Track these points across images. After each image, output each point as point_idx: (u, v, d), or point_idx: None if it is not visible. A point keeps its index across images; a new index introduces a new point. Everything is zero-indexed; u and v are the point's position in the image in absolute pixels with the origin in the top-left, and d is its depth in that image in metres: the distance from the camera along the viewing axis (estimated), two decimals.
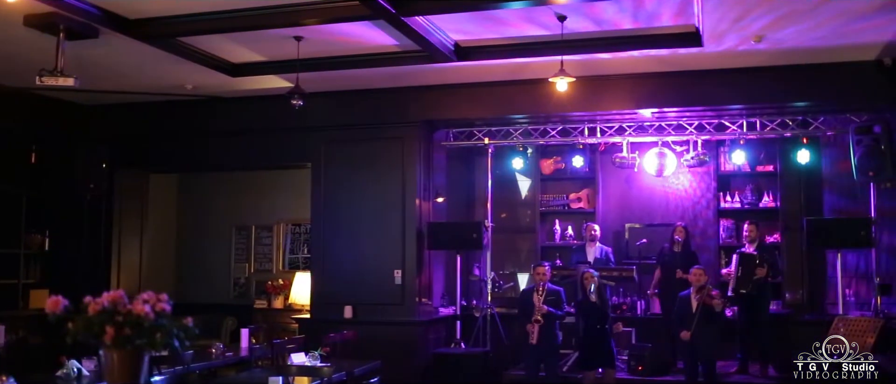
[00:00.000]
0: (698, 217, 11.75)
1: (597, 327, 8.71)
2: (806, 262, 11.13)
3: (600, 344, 8.75)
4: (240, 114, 11.11)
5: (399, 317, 10.34)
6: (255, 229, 13.38)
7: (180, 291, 13.26)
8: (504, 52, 8.91)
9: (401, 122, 10.56)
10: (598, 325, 8.70)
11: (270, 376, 6.33)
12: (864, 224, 9.59)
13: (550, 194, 12.50)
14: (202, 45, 8.93)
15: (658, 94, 9.88)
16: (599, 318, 8.71)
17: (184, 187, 13.77)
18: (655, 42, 8.54)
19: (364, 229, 10.63)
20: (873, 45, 8.56)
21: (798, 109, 9.96)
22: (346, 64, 9.35)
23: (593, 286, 8.73)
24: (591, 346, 8.77)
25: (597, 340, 8.73)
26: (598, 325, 8.70)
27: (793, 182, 11.32)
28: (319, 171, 10.92)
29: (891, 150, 9.09)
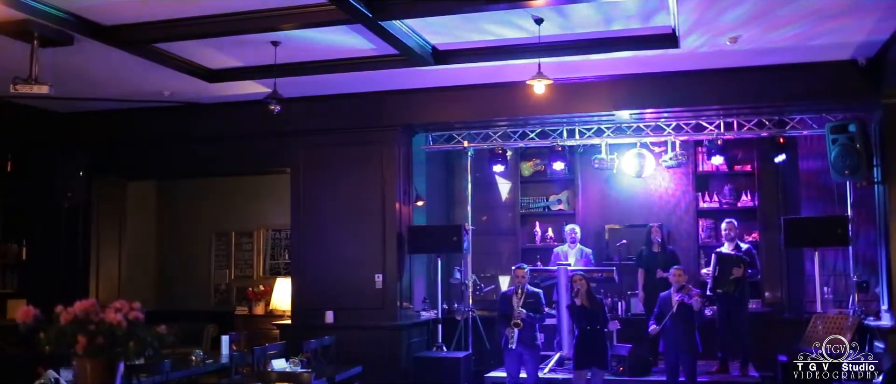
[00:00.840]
0: (677, 217, 11.83)
1: (588, 328, 8.69)
2: (784, 261, 11.21)
3: (591, 344, 8.71)
4: (218, 120, 11.05)
5: (380, 322, 10.32)
6: (236, 235, 13.33)
7: (161, 299, 13.21)
8: (482, 55, 8.91)
9: (380, 126, 10.55)
10: (589, 327, 8.68)
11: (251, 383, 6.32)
12: (840, 222, 9.67)
13: (530, 196, 12.54)
14: (178, 51, 8.88)
15: (635, 96, 9.92)
16: (591, 320, 8.68)
17: (163, 194, 13.69)
18: (632, 44, 8.57)
19: (344, 234, 10.60)
20: (847, 44, 8.62)
21: (774, 109, 10.02)
22: (323, 69, 9.32)
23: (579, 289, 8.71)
24: (584, 348, 8.75)
25: (591, 341, 8.71)
26: (589, 327, 8.68)
27: (770, 181, 11.41)
28: (298, 177, 10.89)
29: (866, 149, 9.16)
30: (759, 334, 10.28)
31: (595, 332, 8.64)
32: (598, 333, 8.65)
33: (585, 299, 8.67)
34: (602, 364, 8.74)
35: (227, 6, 7.55)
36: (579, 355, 8.75)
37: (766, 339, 10.38)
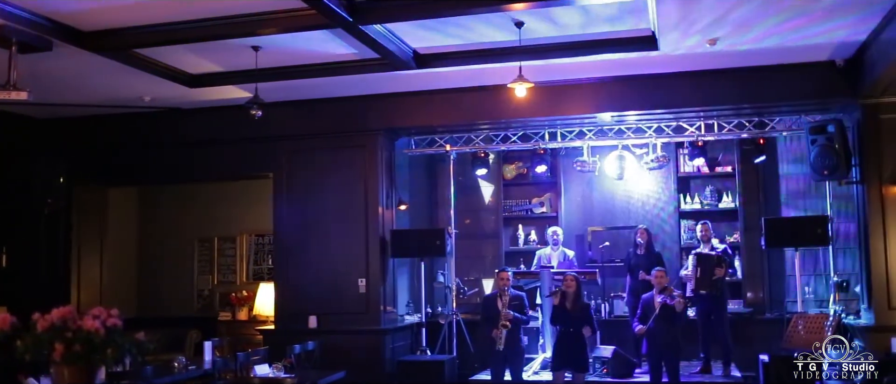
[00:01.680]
0: (659, 219, 11.87)
1: (570, 330, 8.67)
2: (766, 262, 11.28)
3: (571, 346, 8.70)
4: (199, 125, 11.02)
5: (364, 326, 10.31)
6: (218, 241, 13.27)
7: (143, 305, 13.13)
8: (463, 58, 8.93)
9: (362, 130, 10.55)
10: (572, 329, 8.66)
11: None
12: (820, 222, 9.74)
13: (513, 199, 12.56)
14: (159, 57, 8.85)
15: (617, 98, 9.97)
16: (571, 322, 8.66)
17: (144, 200, 13.62)
18: (612, 46, 8.61)
19: (327, 238, 10.59)
20: (825, 46, 8.70)
21: (754, 110, 10.09)
22: (305, 73, 9.32)
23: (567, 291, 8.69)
24: (563, 349, 8.73)
25: (570, 342, 8.69)
26: (572, 329, 8.66)
27: (751, 182, 11.48)
28: (281, 181, 10.87)
29: (845, 149, 9.24)
30: (740, 334, 10.34)
31: (575, 335, 8.62)
32: (578, 335, 8.62)
33: (572, 301, 8.64)
34: (582, 366, 8.72)
35: (207, 11, 7.53)
36: (558, 356, 8.73)
37: (748, 339, 10.44)
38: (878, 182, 9.09)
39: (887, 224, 9.02)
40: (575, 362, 8.63)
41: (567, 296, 8.65)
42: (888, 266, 8.99)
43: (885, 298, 8.97)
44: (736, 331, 10.19)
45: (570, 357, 8.64)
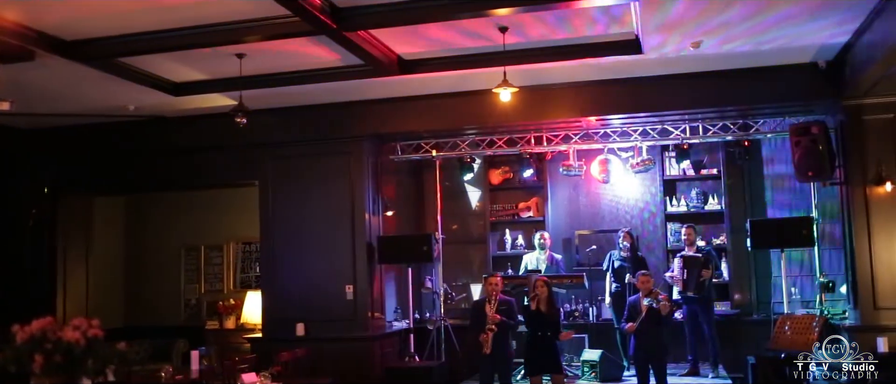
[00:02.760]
0: (646, 222, 11.89)
1: (539, 334, 8.65)
2: (752, 263, 11.32)
3: (544, 350, 8.68)
4: (184, 133, 10.99)
5: (351, 333, 10.29)
6: (205, 249, 13.23)
7: (130, 315, 13.09)
8: (448, 64, 8.95)
9: (347, 136, 10.54)
10: (539, 332, 8.64)
11: None
12: (805, 223, 9.78)
13: (500, 204, 12.55)
14: (142, 65, 8.84)
15: (601, 102, 9.99)
16: (543, 326, 8.64)
17: (130, 209, 13.57)
18: (596, 50, 8.64)
19: (314, 245, 10.57)
20: (808, 47, 8.75)
21: (738, 112, 10.13)
22: (289, 80, 9.32)
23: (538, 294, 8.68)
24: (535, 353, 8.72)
25: (540, 347, 8.68)
26: (539, 332, 8.64)
27: (736, 184, 11.51)
28: (267, 189, 10.85)
29: (828, 150, 9.29)
30: (728, 336, 10.37)
31: (545, 339, 8.59)
32: (549, 339, 8.60)
33: (544, 305, 8.62)
34: (557, 369, 8.71)
35: (191, 19, 7.52)
36: (530, 361, 8.70)
37: (736, 341, 10.48)
38: (862, 182, 9.14)
39: (872, 224, 9.07)
40: (549, 365, 8.62)
41: (540, 300, 8.63)
42: (873, 266, 9.04)
43: (870, 298, 9.01)
44: (723, 332, 10.22)
45: (544, 361, 8.63)
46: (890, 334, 8.17)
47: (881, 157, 9.08)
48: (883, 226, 9.04)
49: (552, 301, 8.75)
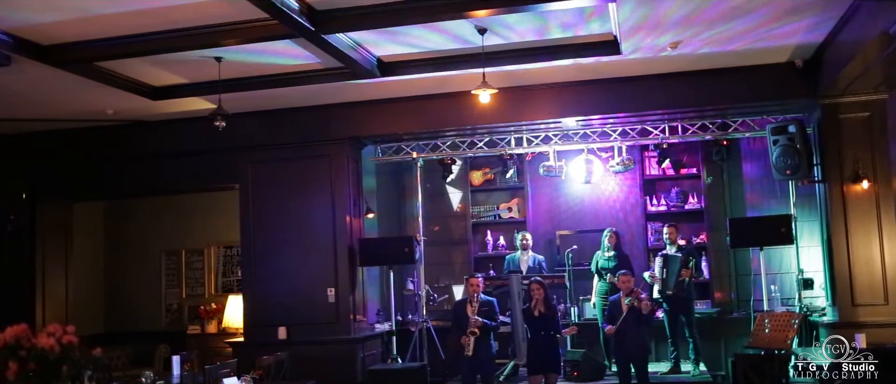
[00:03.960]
0: (626, 221, 11.95)
1: (541, 334, 8.74)
2: (732, 261, 11.40)
3: (545, 350, 8.76)
4: (163, 137, 10.94)
5: (334, 336, 10.27)
6: (186, 253, 13.17)
7: (111, 321, 13.03)
8: (427, 66, 8.95)
9: (328, 139, 10.52)
10: (542, 332, 8.73)
11: None
12: (784, 221, 9.85)
13: (481, 205, 12.58)
14: (121, 70, 8.78)
15: (581, 103, 10.02)
16: (544, 326, 8.72)
17: (110, 214, 13.49)
18: (575, 51, 8.66)
19: (295, 248, 10.54)
20: (785, 47, 8.82)
21: (717, 112, 10.19)
22: (268, 83, 9.29)
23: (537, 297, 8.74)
24: (538, 353, 8.79)
25: (543, 345, 8.76)
26: (542, 332, 8.73)
27: (716, 183, 11.59)
28: (247, 192, 10.81)
29: (806, 149, 9.36)
30: (709, 333, 10.44)
31: (548, 338, 8.70)
32: (551, 339, 8.71)
33: (542, 306, 8.71)
34: (556, 369, 8.80)
35: (169, 23, 7.48)
36: (533, 361, 8.80)
37: (717, 338, 10.55)
38: (839, 181, 9.23)
39: (849, 222, 9.16)
40: (549, 365, 8.72)
41: (538, 302, 8.71)
42: (851, 263, 9.12)
43: (848, 295, 9.10)
44: (704, 330, 10.28)
45: (544, 360, 8.72)
46: (868, 330, 8.24)
47: (858, 155, 9.16)
48: (860, 224, 9.13)
49: (549, 301, 8.82)
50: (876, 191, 9.13)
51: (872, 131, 9.20)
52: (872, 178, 9.11)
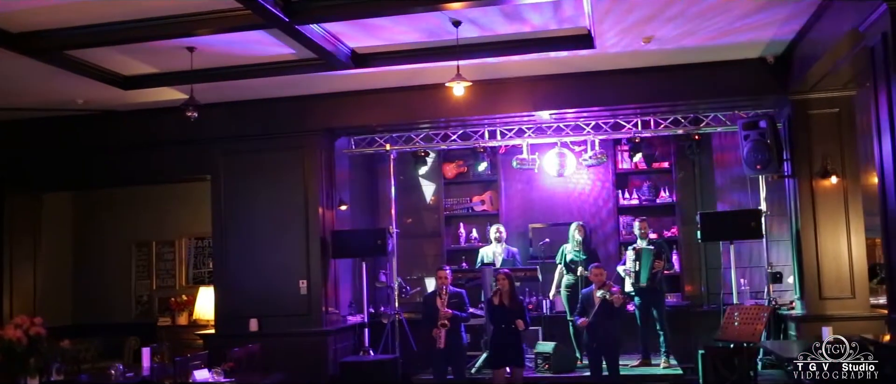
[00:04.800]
0: (598, 215, 12.03)
1: (503, 327, 8.77)
2: (702, 255, 11.50)
3: (509, 344, 8.80)
4: (134, 127, 10.83)
5: (306, 328, 10.24)
6: (156, 245, 13.06)
7: (80, 313, 12.88)
8: (401, 58, 8.93)
9: (301, 130, 10.47)
10: (503, 326, 8.76)
11: None
12: (754, 215, 9.94)
13: (454, 198, 12.60)
14: (91, 59, 8.68)
15: (555, 96, 10.05)
16: (507, 319, 8.75)
17: (79, 205, 13.32)
18: (549, 45, 8.68)
19: (267, 240, 10.49)
20: (757, 43, 8.90)
21: (689, 107, 10.26)
22: (241, 74, 9.23)
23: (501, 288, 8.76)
24: (500, 346, 8.83)
25: (506, 339, 8.79)
26: (503, 326, 8.76)
27: (687, 178, 11.69)
28: (219, 183, 10.74)
29: (776, 144, 9.45)
30: (679, 327, 10.53)
31: (510, 331, 8.71)
32: (514, 333, 8.72)
33: (507, 298, 8.72)
34: (519, 362, 8.83)
35: (140, 12, 7.41)
36: (496, 354, 8.83)
37: (687, 331, 10.64)
38: (808, 176, 9.33)
39: (817, 216, 9.26)
40: (512, 359, 8.74)
41: (502, 294, 8.72)
42: (819, 257, 9.23)
43: (816, 288, 9.21)
44: (674, 323, 10.37)
45: (508, 353, 8.74)
46: (835, 323, 8.33)
47: (826, 150, 9.27)
48: (828, 219, 9.24)
49: (514, 294, 8.84)
50: (844, 186, 9.24)
51: (841, 127, 9.32)
52: (841, 174, 9.23)
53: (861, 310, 9.02)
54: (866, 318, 8.83)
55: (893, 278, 6.47)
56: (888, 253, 6.52)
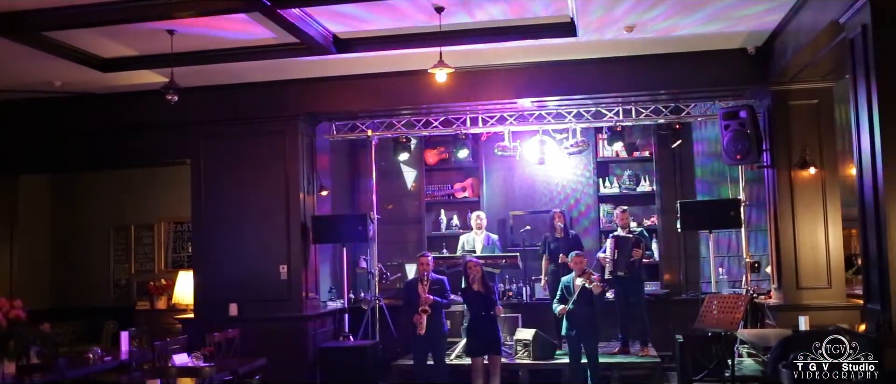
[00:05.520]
0: (579, 203, 12.08)
1: (482, 314, 8.82)
2: (682, 244, 11.57)
3: (486, 330, 8.86)
4: (113, 110, 10.74)
5: (285, 313, 10.22)
6: (135, 229, 12.97)
7: (57, 296, 12.78)
8: (383, 43, 8.89)
9: (282, 115, 10.42)
10: (483, 313, 8.81)
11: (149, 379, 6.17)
12: (733, 205, 10.01)
13: (435, 184, 12.61)
14: (69, 40, 8.58)
15: (537, 84, 10.05)
16: (484, 306, 8.82)
17: (57, 187, 13.20)
18: (532, 32, 8.66)
19: (247, 225, 10.46)
20: (738, 34, 8.94)
21: (670, 96, 10.30)
22: (222, 57, 9.15)
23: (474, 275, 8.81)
24: (478, 333, 8.88)
25: (483, 327, 8.84)
26: (483, 313, 8.81)
27: (667, 166, 11.74)
28: (199, 168, 10.67)
29: (756, 134, 9.50)
30: (658, 315, 10.59)
31: (488, 318, 8.76)
32: (490, 319, 8.77)
33: (480, 284, 8.80)
34: (496, 350, 8.88)
35: None
36: (473, 341, 8.88)
37: (665, 319, 10.70)
38: (787, 166, 9.38)
39: (796, 206, 9.32)
40: (489, 345, 8.78)
41: (475, 280, 8.77)
42: (797, 247, 9.29)
43: (793, 278, 9.28)
44: (653, 311, 10.44)
45: (485, 340, 8.79)
46: (812, 313, 8.41)
47: (806, 141, 9.32)
48: (806, 209, 9.30)
49: (486, 280, 8.89)
50: (822, 177, 9.30)
51: (820, 119, 9.37)
52: (819, 165, 9.29)
53: (837, 300, 9.11)
54: (842, 308, 8.91)
55: (870, 269, 6.53)
56: (865, 244, 6.59)
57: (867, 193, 6.43)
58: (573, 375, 9.17)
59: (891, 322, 6.08)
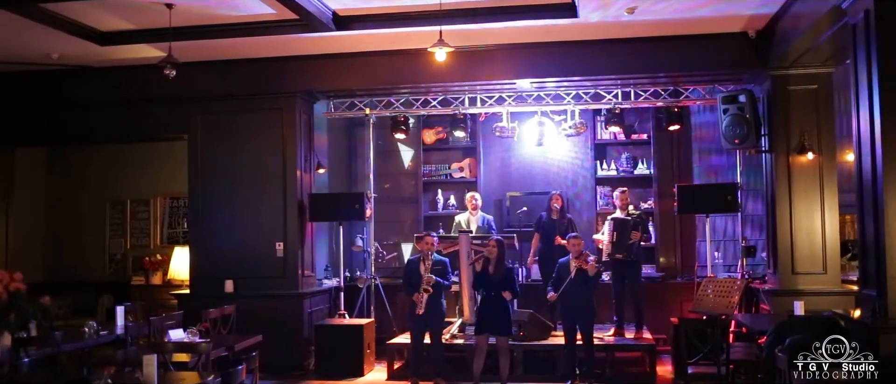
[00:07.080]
0: (576, 185, 12.08)
1: (492, 295, 8.76)
2: (678, 228, 11.58)
3: (496, 311, 8.79)
4: (111, 84, 10.69)
5: (281, 290, 10.23)
6: (131, 203, 12.93)
7: (52, 270, 12.75)
8: (383, 21, 8.85)
9: (280, 92, 10.38)
10: (494, 294, 8.75)
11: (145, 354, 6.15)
12: (730, 189, 10.02)
13: (433, 164, 12.60)
14: (67, 12, 8.51)
15: (536, 65, 10.03)
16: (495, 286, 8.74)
17: (53, 161, 13.16)
18: (532, 12, 8.64)
19: (244, 202, 10.44)
20: (739, 17, 8.91)
21: (669, 79, 10.28)
22: (221, 32, 9.10)
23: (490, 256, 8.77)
24: (487, 314, 8.82)
25: (494, 307, 8.78)
26: (494, 294, 8.75)
27: (665, 150, 11.74)
28: (196, 143, 10.64)
29: (755, 119, 9.49)
30: (653, 298, 10.62)
31: (498, 299, 8.72)
32: (500, 299, 8.73)
33: (495, 265, 8.73)
34: (506, 331, 8.83)
35: None
36: (482, 320, 8.83)
37: (660, 303, 10.74)
38: (785, 151, 9.39)
39: (793, 192, 9.33)
40: (498, 326, 8.73)
41: (489, 261, 8.73)
42: (793, 232, 9.31)
43: (789, 263, 9.30)
44: (649, 294, 10.46)
45: (493, 321, 8.74)
46: (807, 298, 8.45)
47: (804, 126, 9.32)
48: (803, 194, 9.31)
49: (503, 261, 8.83)
50: (820, 162, 9.31)
51: (819, 104, 9.37)
52: (817, 150, 9.29)
53: (832, 286, 9.14)
54: (837, 294, 8.94)
55: (866, 254, 6.55)
56: (862, 229, 6.60)
57: (866, 179, 6.43)
58: (568, 356, 9.18)
59: (886, 308, 6.10)
